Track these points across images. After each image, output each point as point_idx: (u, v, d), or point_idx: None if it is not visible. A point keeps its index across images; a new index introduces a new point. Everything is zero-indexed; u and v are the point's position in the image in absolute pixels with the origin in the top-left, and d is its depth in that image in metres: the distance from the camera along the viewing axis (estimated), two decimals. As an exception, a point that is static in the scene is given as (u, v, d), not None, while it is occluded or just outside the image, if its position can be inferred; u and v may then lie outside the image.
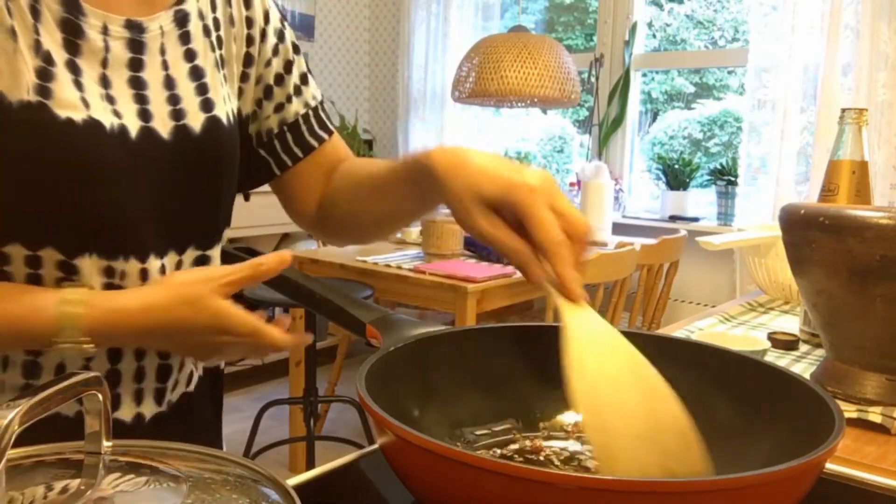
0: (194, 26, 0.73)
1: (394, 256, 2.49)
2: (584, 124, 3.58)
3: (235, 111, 0.77)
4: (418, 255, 2.51)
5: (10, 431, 0.33)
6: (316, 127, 0.85)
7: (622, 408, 0.49)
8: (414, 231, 2.82)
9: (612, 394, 0.49)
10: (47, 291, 0.63)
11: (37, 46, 0.63)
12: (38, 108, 0.61)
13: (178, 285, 0.65)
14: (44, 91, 0.62)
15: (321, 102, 0.86)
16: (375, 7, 4.14)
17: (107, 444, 0.41)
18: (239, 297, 0.67)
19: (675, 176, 3.22)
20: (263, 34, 0.80)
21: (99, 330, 0.62)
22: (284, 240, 3.64)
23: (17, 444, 0.35)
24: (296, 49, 0.84)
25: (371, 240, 0.91)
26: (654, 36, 3.59)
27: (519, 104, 3.04)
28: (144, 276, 0.69)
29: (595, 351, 0.51)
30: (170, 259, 0.71)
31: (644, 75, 3.54)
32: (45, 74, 0.63)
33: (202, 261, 0.74)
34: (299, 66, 0.84)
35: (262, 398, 3.05)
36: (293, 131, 0.83)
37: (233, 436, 2.90)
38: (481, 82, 2.66)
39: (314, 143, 0.84)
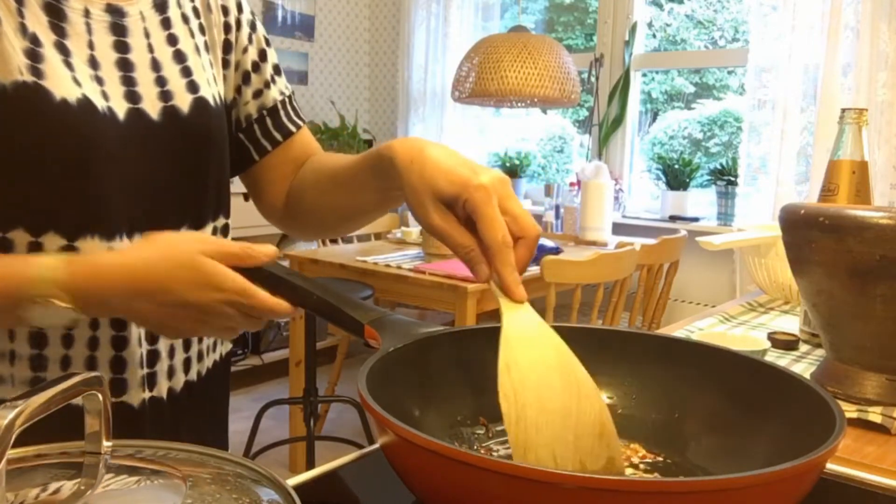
0: (173, 13, 0.76)
1: (394, 256, 2.49)
2: (584, 124, 3.58)
3: (221, 94, 0.80)
4: (418, 255, 2.51)
5: (10, 431, 0.33)
6: (292, 114, 0.88)
7: (543, 403, 0.51)
8: (414, 231, 2.82)
9: (534, 389, 0.52)
10: (32, 255, 0.63)
11: (22, 29, 0.64)
12: (34, 89, 0.62)
13: (164, 244, 0.62)
14: (36, 71, 0.63)
15: (292, 93, 0.90)
16: (375, 7, 4.14)
17: (107, 444, 0.41)
18: None
19: (675, 176, 3.22)
20: (238, 23, 0.83)
21: (78, 285, 0.59)
22: (284, 240, 3.64)
23: (18, 443, 0.35)
24: (267, 41, 0.87)
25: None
26: (654, 36, 3.59)
27: (519, 104, 3.04)
28: None
29: (526, 349, 0.53)
30: None
31: (644, 75, 3.54)
32: (34, 55, 0.64)
33: None
34: (272, 56, 0.87)
35: (262, 398, 3.05)
36: (272, 116, 0.86)
37: (233, 436, 2.89)
38: (481, 82, 2.66)
39: (292, 128, 0.87)
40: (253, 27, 0.85)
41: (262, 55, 0.86)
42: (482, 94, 2.69)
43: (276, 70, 0.87)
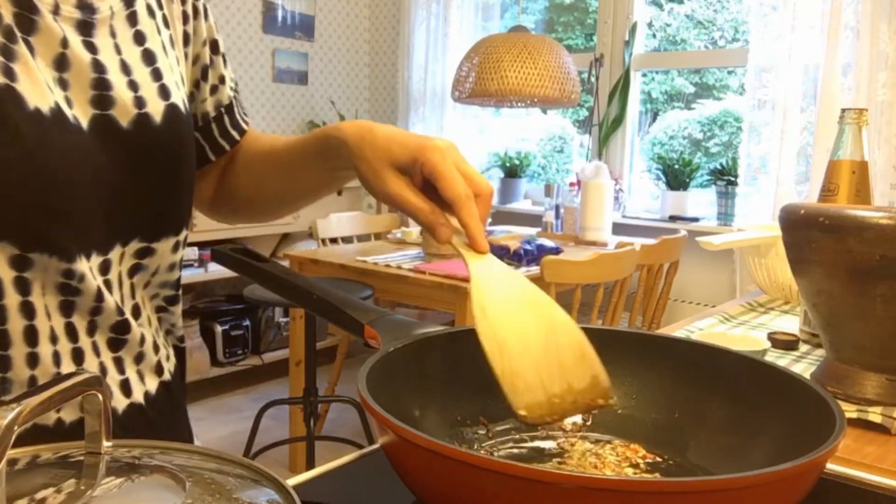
0: (140, 6, 0.68)
1: (394, 256, 2.49)
2: (584, 124, 3.58)
3: (188, 97, 0.74)
4: (418, 255, 2.51)
5: (10, 431, 0.33)
6: (242, 111, 0.83)
7: (522, 336, 0.54)
8: (414, 231, 2.82)
9: (511, 325, 0.55)
10: None
11: None
12: (7, 93, 0.55)
13: None
14: (9, 72, 0.55)
15: (237, 85, 0.85)
16: (375, 7, 4.14)
17: (107, 444, 0.41)
18: (237, 298, 0.64)
19: (675, 176, 3.22)
20: (196, 11, 0.76)
21: None
22: (284, 240, 3.64)
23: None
24: (216, 29, 0.80)
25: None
26: (654, 36, 3.59)
27: (519, 104, 3.04)
28: (102, 271, 0.63)
29: (496, 290, 0.56)
30: (115, 253, 0.65)
31: (644, 75, 3.54)
32: (7, 52, 0.55)
33: (147, 252, 0.68)
34: (222, 45, 0.81)
35: (262, 398, 3.05)
36: (229, 114, 0.81)
37: (233, 436, 2.90)
38: (481, 82, 2.66)
39: (244, 126, 0.83)
40: (206, 15, 0.78)
41: (215, 46, 0.78)
42: (482, 94, 2.69)
43: (224, 61, 0.80)
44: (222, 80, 0.80)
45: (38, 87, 0.57)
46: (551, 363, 0.54)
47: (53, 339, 0.61)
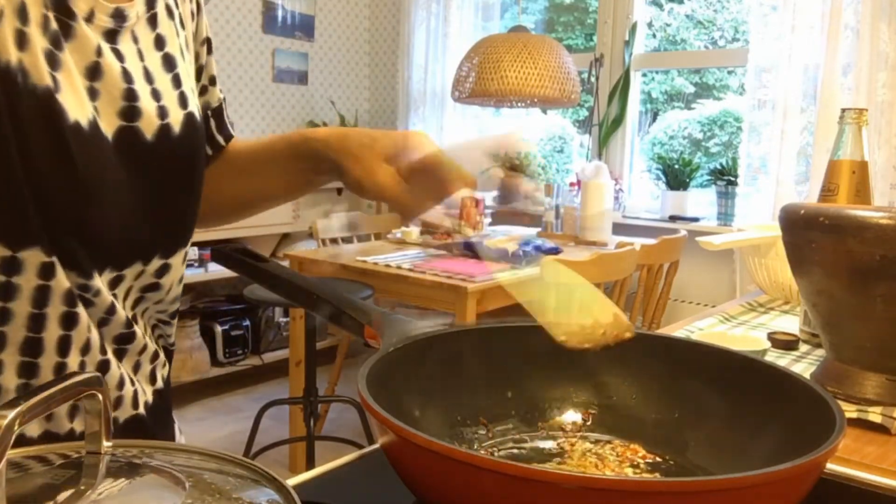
0: (160, 7, 0.65)
1: (394, 256, 2.49)
2: (584, 124, 3.58)
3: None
4: (418, 255, 2.51)
5: (10, 431, 0.33)
6: (228, 117, 0.80)
7: (542, 285, 0.61)
8: (414, 231, 2.82)
9: (530, 277, 0.61)
10: None
11: (45, 23, 0.53)
12: (52, 104, 0.53)
13: None
14: (54, 82, 0.53)
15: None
16: (375, 7, 4.14)
17: (107, 444, 0.41)
18: (237, 298, 0.65)
19: (675, 176, 3.22)
20: (199, 7, 0.73)
21: None
22: (284, 240, 3.64)
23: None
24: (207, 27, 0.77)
25: (232, 220, 0.84)
26: (654, 36, 3.59)
27: (519, 104, 3.04)
28: (112, 285, 0.62)
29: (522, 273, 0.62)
30: (133, 270, 0.64)
31: (644, 75, 3.54)
32: (53, 61, 0.53)
33: (165, 270, 0.67)
34: (212, 46, 0.77)
35: (262, 398, 3.05)
36: (217, 117, 0.76)
37: (233, 436, 2.90)
38: (481, 82, 2.66)
39: (231, 131, 0.79)
40: (199, 10, 0.74)
41: (209, 46, 0.75)
42: (482, 94, 2.69)
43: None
44: (212, 81, 0.76)
45: (77, 98, 0.55)
46: (574, 304, 0.60)
47: (84, 350, 0.61)
